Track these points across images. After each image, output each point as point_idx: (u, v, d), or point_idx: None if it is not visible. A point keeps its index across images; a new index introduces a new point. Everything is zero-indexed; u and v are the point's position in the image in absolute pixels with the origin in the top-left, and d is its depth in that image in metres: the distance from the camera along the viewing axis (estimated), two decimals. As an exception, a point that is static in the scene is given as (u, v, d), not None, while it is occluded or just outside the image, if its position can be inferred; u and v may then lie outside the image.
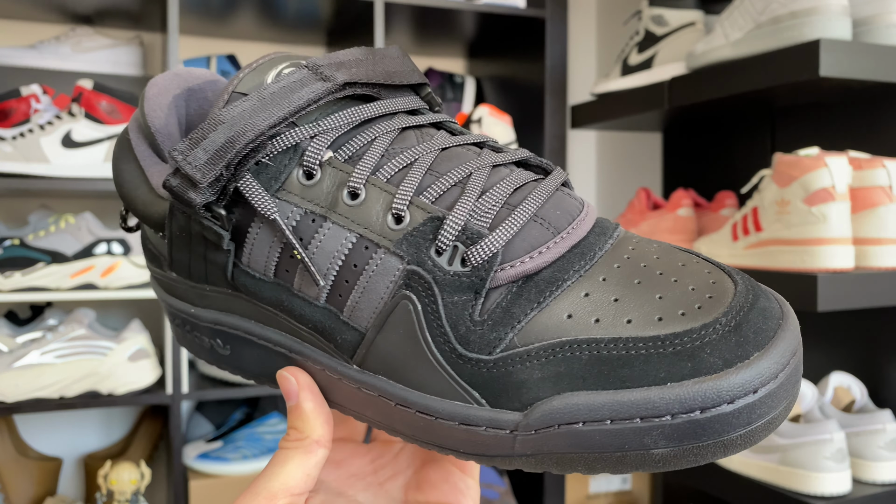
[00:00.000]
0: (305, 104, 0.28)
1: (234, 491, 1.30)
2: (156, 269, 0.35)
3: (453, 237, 0.27)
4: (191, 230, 0.30)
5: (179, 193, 0.28)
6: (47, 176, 1.15)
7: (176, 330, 0.36)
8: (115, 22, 1.42)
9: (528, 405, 0.25)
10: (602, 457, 0.24)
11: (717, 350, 0.23)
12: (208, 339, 0.34)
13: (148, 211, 0.32)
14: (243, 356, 0.33)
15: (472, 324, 0.26)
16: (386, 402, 0.28)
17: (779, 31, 0.99)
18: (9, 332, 1.23)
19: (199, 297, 0.33)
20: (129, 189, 0.33)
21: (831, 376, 1.06)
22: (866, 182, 0.98)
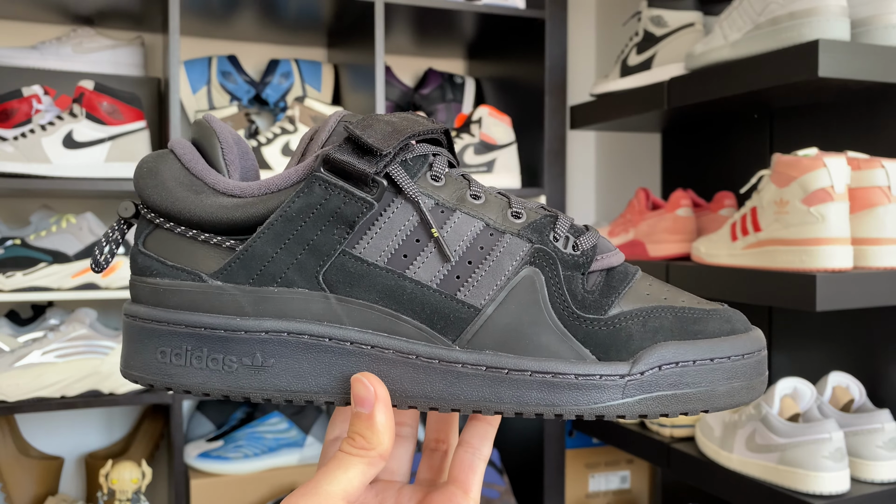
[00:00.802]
0: (429, 129, 0.36)
1: (235, 490, 1.30)
2: (174, 283, 0.34)
3: (566, 229, 0.35)
4: (322, 211, 0.33)
5: (349, 165, 0.33)
6: (49, 176, 1.15)
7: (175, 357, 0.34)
8: (117, 23, 1.42)
9: (633, 355, 0.32)
10: (693, 394, 0.32)
11: (738, 321, 0.35)
12: (240, 355, 0.33)
13: (222, 214, 0.34)
14: (290, 369, 0.33)
15: (585, 292, 0.34)
16: (494, 374, 0.32)
17: (777, 31, 0.99)
18: (10, 331, 1.23)
19: (257, 301, 0.33)
20: (183, 198, 0.34)
21: (830, 376, 1.07)
22: (865, 182, 0.98)
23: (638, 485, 1.64)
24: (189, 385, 0.34)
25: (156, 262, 0.34)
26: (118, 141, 1.20)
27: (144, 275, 0.35)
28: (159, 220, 0.35)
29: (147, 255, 0.35)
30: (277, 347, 0.33)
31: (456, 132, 1.42)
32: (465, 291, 0.33)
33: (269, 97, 1.50)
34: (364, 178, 0.33)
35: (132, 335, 0.35)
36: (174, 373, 0.34)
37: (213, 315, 0.33)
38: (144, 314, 0.34)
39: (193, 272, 0.34)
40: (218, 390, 0.33)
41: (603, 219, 1.83)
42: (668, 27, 1.26)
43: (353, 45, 1.41)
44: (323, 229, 0.33)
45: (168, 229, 0.35)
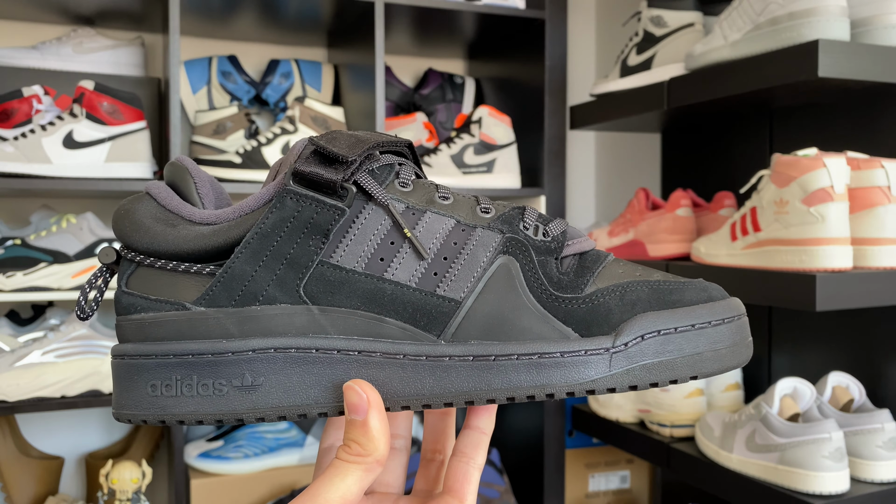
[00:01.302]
0: (392, 141, 0.37)
1: (235, 490, 1.30)
2: (157, 316, 0.34)
3: (535, 218, 0.37)
4: (296, 222, 0.34)
5: (317, 175, 0.34)
6: (49, 176, 1.15)
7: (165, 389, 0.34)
8: (117, 23, 1.42)
9: (615, 328, 0.33)
10: (679, 360, 0.33)
11: (715, 290, 0.35)
12: (229, 378, 0.33)
13: (199, 243, 0.35)
14: (280, 385, 0.34)
15: (560, 274, 0.35)
16: (482, 363, 0.33)
17: (777, 32, 0.99)
18: (10, 331, 1.24)
19: (241, 322, 0.34)
20: (160, 232, 0.35)
21: (829, 376, 1.07)
22: (864, 182, 0.98)
23: (638, 485, 1.64)
24: (181, 415, 0.34)
25: (139, 299, 0.35)
26: (118, 141, 1.20)
27: (129, 313, 0.35)
28: (139, 258, 0.35)
29: (130, 294, 0.35)
30: (266, 365, 0.34)
31: (456, 132, 1.42)
32: (443, 287, 0.34)
33: (270, 97, 1.50)
34: (332, 185, 0.34)
35: (121, 375, 0.35)
36: (165, 404, 0.34)
37: (199, 341, 0.34)
38: (132, 351, 0.35)
39: (176, 302, 0.34)
40: (211, 415, 0.34)
41: (603, 219, 1.83)
42: (668, 27, 1.26)
43: (354, 45, 1.41)
44: (299, 241, 0.34)
45: (149, 265, 0.35)
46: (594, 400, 1.40)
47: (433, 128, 1.52)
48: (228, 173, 1.26)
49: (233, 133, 1.41)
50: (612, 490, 1.61)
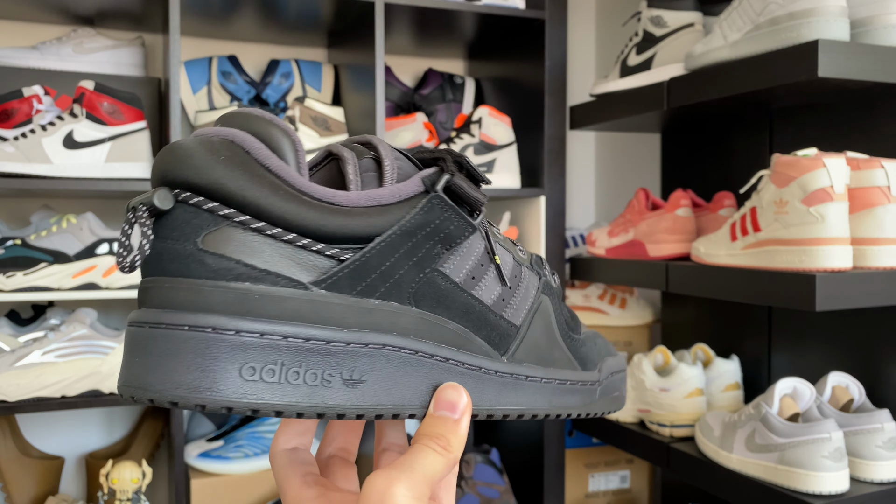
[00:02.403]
0: None
1: (236, 490, 1.30)
2: (270, 290, 0.30)
3: (548, 266, 0.42)
4: (434, 229, 0.34)
5: (467, 193, 0.35)
6: (49, 176, 1.15)
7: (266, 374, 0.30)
8: (117, 23, 1.43)
9: (596, 366, 0.42)
10: (620, 397, 0.44)
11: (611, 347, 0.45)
12: (339, 370, 0.31)
13: (329, 222, 0.32)
14: (383, 383, 0.32)
15: (569, 317, 0.42)
16: (531, 383, 0.38)
17: (777, 32, 0.99)
18: (11, 331, 1.24)
19: (358, 314, 0.32)
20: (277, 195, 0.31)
21: (829, 376, 1.07)
22: (864, 182, 0.98)
23: (638, 484, 1.64)
24: (282, 405, 0.30)
25: (237, 265, 0.30)
26: (118, 141, 1.20)
27: (221, 278, 0.30)
28: (241, 217, 0.30)
29: (220, 257, 0.30)
30: (374, 361, 0.32)
31: (456, 132, 1.42)
32: (508, 312, 0.38)
33: (270, 97, 1.50)
34: (476, 205, 0.36)
35: (198, 350, 0.29)
36: (262, 391, 0.29)
37: (318, 326, 0.31)
38: (228, 325, 0.29)
39: (293, 279, 0.31)
40: (314, 408, 0.30)
41: (603, 219, 1.83)
42: (668, 27, 1.26)
43: (353, 45, 1.41)
44: (428, 246, 0.34)
45: (244, 227, 0.30)
46: (594, 400, 1.40)
47: (433, 128, 1.52)
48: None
49: (233, 133, 1.41)
50: (612, 490, 1.61)
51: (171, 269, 0.30)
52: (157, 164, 0.31)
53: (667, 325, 1.53)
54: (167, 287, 0.30)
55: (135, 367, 0.30)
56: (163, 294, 0.30)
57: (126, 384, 0.30)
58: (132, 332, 0.30)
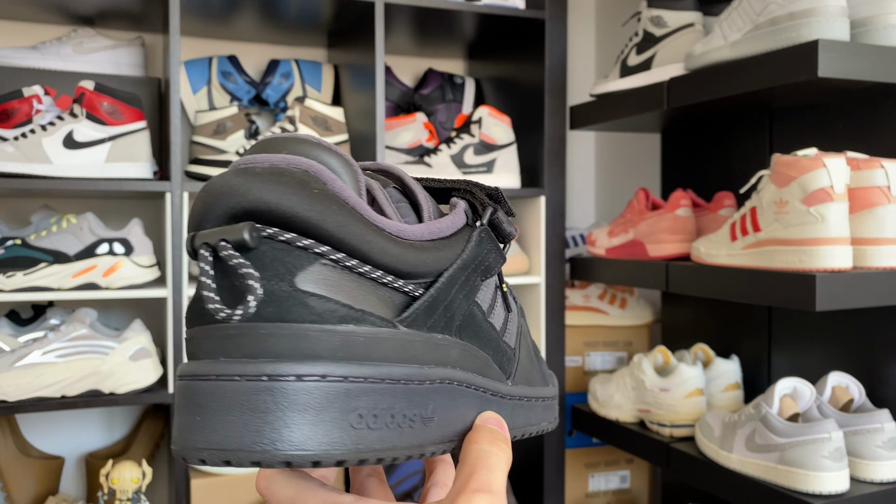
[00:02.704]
0: None
1: (235, 490, 1.30)
2: (371, 331, 0.28)
3: None
4: (480, 262, 0.35)
5: (505, 227, 0.36)
6: (49, 176, 1.15)
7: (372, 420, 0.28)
8: (117, 23, 1.43)
9: (549, 382, 0.43)
10: None
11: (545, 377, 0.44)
12: (420, 408, 0.30)
13: (406, 256, 0.30)
14: (445, 417, 0.31)
15: (532, 337, 0.45)
16: (526, 403, 0.39)
17: (777, 32, 0.99)
18: (11, 331, 1.24)
19: (429, 349, 0.31)
20: (375, 236, 0.29)
21: (829, 376, 1.07)
22: (864, 182, 0.98)
23: (638, 484, 1.64)
24: (383, 451, 0.28)
25: (339, 306, 0.28)
26: (118, 141, 1.20)
27: (327, 322, 0.27)
28: (337, 255, 0.28)
29: (322, 298, 0.27)
30: (440, 396, 0.31)
31: (456, 132, 1.42)
32: (507, 337, 0.38)
33: (270, 97, 1.50)
34: (508, 239, 0.37)
35: (312, 402, 0.26)
36: (368, 439, 0.27)
37: (406, 365, 0.29)
38: (336, 372, 0.27)
39: (384, 318, 0.29)
40: (404, 451, 0.29)
41: (603, 219, 1.83)
42: (668, 27, 1.26)
43: (354, 45, 1.41)
44: (474, 279, 0.35)
45: (341, 267, 0.28)
46: (594, 400, 1.40)
47: (433, 128, 1.52)
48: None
49: (233, 133, 1.41)
50: (612, 490, 1.61)
51: (267, 313, 0.26)
52: (219, 192, 0.27)
53: (667, 325, 1.53)
54: (264, 334, 0.26)
55: (226, 426, 0.26)
56: (259, 342, 0.26)
57: (213, 448, 0.26)
58: (215, 387, 0.26)
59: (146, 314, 1.47)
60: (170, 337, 1.21)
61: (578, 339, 1.57)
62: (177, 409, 0.28)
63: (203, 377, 0.27)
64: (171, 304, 1.20)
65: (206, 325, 0.28)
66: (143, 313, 1.47)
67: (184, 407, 0.27)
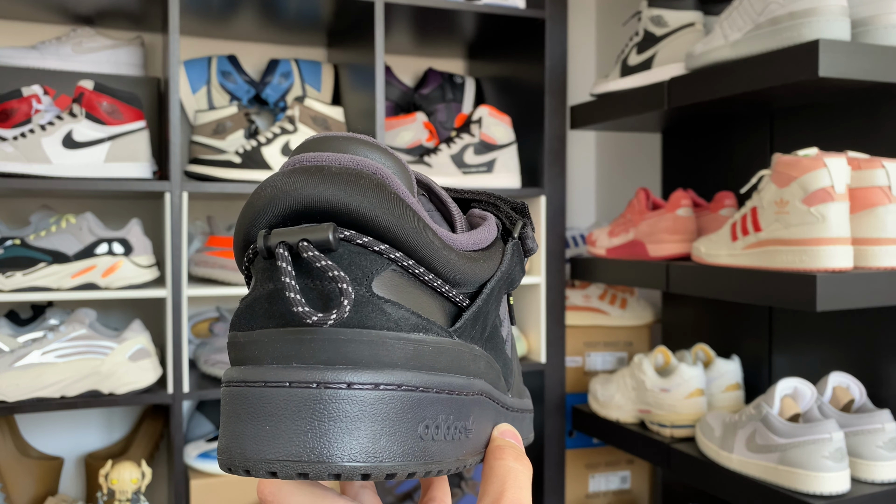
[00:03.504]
0: None
1: (235, 490, 1.30)
2: (436, 340, 0.28)
3: None
4: (510, 275, 0.35)
5: (529, 242, 0.36)
6: (48, 176, 1.15)
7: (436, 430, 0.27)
8: (116, 22, 1.42)
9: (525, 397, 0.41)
10: None
11: None
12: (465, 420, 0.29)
13: (460, 266, 0.30)
14: (481, 428, 0.31)
15: None
16: (520, 415, 0.38)
17: (778, 31, 0.99)
18: (10, 331, 1.23)
19: (472, 361, 0.30)
20: (440, 245, 0.29)
21: (830, 376, 1.07)
22: (865, 182, 0.98)
23: (638, 485, 1.64)
24: (445, 464, 0.27)
25: (409, 314, 0.27)
26: (118, 141, 1.20)
27: (402, 329, 0.27)
28: (408, 261, 0.28)
29: (396, 305, 0.27)
30: (478, 408, 0.31)
31: (456, 132, 1.42)
32: (507, 348, 0.37)
33: (269, 97, 1.50)
34: (530, 254, 0.37)
35: (388, 413, 0.26)
36: (435, 451, 0.27)
37: (459, 376, 0.29)
38: (412, 381, 0.26)
39: (444, 328, 0.29)
40: (452, 464, 0.28)
41: (603, 219, 1.83)
42: (669, 27, 1.26)
43: (353, 45, 1.41)
44: (501, 291, 0.34)
45: (412, 273, 0.28)
46: (594, 400, 1.40)
47: (433, 128, 1.52)
48: (228, 173, 1.26)
49: (232, 133, 1.41)
50: (613, 490, 1.61)
51: (349, 321, 0.26)
52: (289, 191, 0.26)
53: (667, 326, 1.53)
54: (343, 340, 0.25)
55: (298, 434, 0.25)
56: (337, 348, 0.25)
57: (284, 459, 0.25)
58: (290, 394, 0.25)
59: (145, 314, 1.47)
60: (169, 337, 1.21)
61: (579, 340, 1.56)
62: (230, 418, 0.26)
63: (275, 384, 0.25)
64: (171, 304, 1.20)
65: (276, 329, 0.26)
66: (143, 313, 1.47)
67: (246, 415, 0.26)
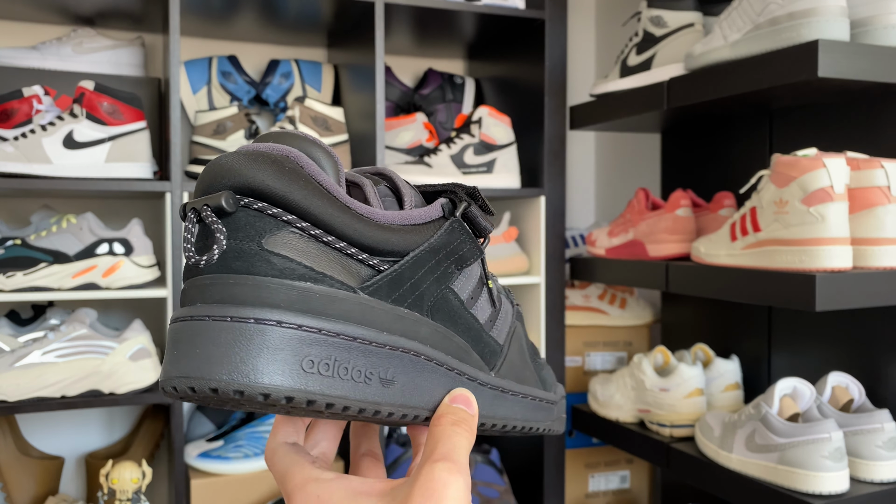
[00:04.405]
0: None
1: (235, 490, 1.30)
2: (328, 291, 0.33)
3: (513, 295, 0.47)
4: (452, 250, 0.39)
5: (479, 219, 0.39)
6: (49, 176, 1.15)
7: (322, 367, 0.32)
8: (117, 23, 1.43)
9: (551, 389, 0.47)
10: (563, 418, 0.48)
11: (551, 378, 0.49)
12: (377, 369, 0.34)
13: (371, 236, 0.35)
14: (409, 385, 0.35)
15: (531, 343, 0.47)
16: (511, 397, 0.42)
17: (777, 32, 0.99)
18: (11, 331, 1.24)
19: (394, 320, 0.35)
20: (334, 208, 0.34)
21: (829, 376, 1.07)
22: (864, 182, 0.98)
23: (637, 485, 1.64)
24: (333, 397, 0.32)
25: (299, 266, 0.32)
26: (118, 141, 1.20)
27: (286, 277, 0.32)
28: (302, 223, 0.33)
29: (283, 258, 0.32)
30: (404, 364, 0.35)
31: (456, 132, 1.42)
32: (495, 332, 0.42)
33: (270, 97, 1.50)
34: (485, 232, 0.40)
35: (265, 342, 0.31)
36: (319, 383, 0.32)
37: (364, 327, 0.33)
38: (292, 320, 0.31)
39: (344, 283, 0.33)
40: (357, 403, 0.33)
41: (603, 219, 1.83)
42: (668, 27, 1.26)
43: (353, 45, 1.41)
44: (445, 266, 0.38)
45: (308, 235, 0.33)
46: (594, 400, 1.40)
47: (433, 128, 1.52)
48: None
49: (233, 133, 1.41)
50: (612, 490, 1.61)
51: (236, 266, 0.32)
52: (213, 170, 0.33)
53: (667, 325, 1.53)
54: (231, 283, 0.31)
55: (193, 358, 0.31)
56: (227, 290, 0.31)
57: (182, 375, 0.31)
58: (189, 325, 0.31)
59: (146, 314, 1.47)
60: (170, 337, 1.21)
61: (578, 339, 1.57)
62: (165, 349, 0.33)
63: (182, 319, 0.32)
64: (171, 304, 1.20)
65: (190, 279, 0.33)
66: (143, 313, 1.47)
67: (168, 345, 0.32)
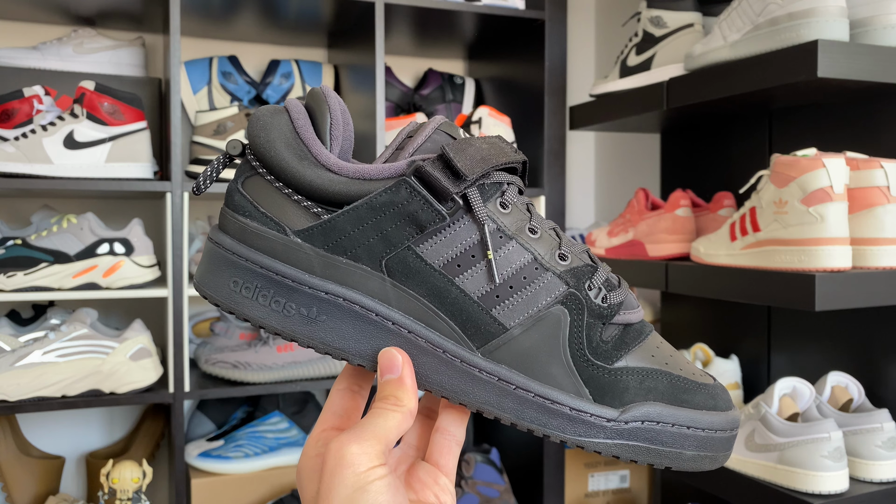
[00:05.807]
0: (512, 161, 0.40)
1: (236, 489, 1.30)
2: (260, 228, 0.39)
3: (601, 281, 0.40)
4: (401, 210, 0.38)
5: (436, 180, 0.37)
6: (50, 176, 1.15)
7: (244, 289, 0.38)
8: (117, 23, 1.43)
9: (625, 405, 0.37)
10: (664, 451, 0.37)
11: (722, 399, 0.39)
12: (299, 305, 0.38)
13: (317, 184, 0.38)
14: (337, 328, 0.38)
15: (601, 341, 0.39)
16: (503, 387, 0.38)
17: (777, 32, 1.00)
18: (11, 331, 1.24)
19: (326, 266, 0.38)
20: (288, 160, 0.39)
21: (829, 376, 1.07)
22: (864, 182, 0.98)
23: (637, 484, 1.64)
24: (250, 316, 0.38)
25: (249, 204, 0.39)
26: (119, 141, 1.20)
27: (237, 212, 0.39)
28: (262, 169, 0.39)
29: (243, 196, 0.39)
30: (332, 308, 0.38)
31: (456, 132, 1.42)
32: (499, 311, 0.38)
33: (270, 97, 1.51)
34: (445, 195, 0.38)
35: (213, 259, 0.40)
36: (240, 301, 0.39)
37: (287, 265, 0.38)
38: (229, 245, 0.39)
39: (280, 224, 0.39)
40: (272, 327, 0.38)
41: (602, 219, 1.84)
42: (668, 28, 1.26)
43: (354, 45, 1.42)
44: (397, 225, 0.38)
45: (266, 179, 0.39)
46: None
47: (433, 128, 1.52)
48: (229, 173, 1.26)
49: (233, 133, 1.41)
50: (612, 489, 1.61)
51: (226, 199, 0.40)
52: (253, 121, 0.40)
53: (666, 325, 1.54)
54: (221, 213, 0.40)
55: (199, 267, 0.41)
56: (219, 217, 0.41)
57: (195, 280, 0.41)
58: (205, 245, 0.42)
59: (146, 314, 1.47)
60: (170, 337, 1.21)
61: (578, 339, 1.57)
62: None
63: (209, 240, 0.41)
64: (172, 303, 1.20)
65: None
66: (144, 313, 1.47)
67: None
